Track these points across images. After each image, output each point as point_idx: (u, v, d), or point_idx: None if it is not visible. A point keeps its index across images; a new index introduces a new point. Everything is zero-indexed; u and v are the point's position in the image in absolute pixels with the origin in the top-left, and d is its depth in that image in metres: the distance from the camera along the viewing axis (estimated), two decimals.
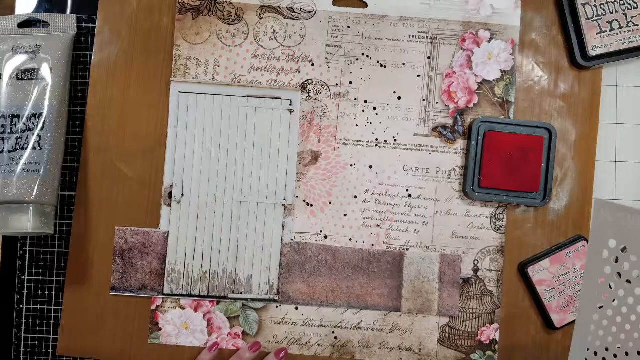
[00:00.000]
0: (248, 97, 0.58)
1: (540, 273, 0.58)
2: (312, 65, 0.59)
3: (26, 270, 0.59)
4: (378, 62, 0.59)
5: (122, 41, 0.59)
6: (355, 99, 0.59)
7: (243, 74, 0.58)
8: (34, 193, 0.53)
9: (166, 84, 0.59)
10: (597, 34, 0.58)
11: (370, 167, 0.59)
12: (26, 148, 0.54)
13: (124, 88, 0.59)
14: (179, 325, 0.58)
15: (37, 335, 0.59)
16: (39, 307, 0.59)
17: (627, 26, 0.58)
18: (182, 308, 0.58)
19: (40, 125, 0.54)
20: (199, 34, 0.58)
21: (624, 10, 0.58)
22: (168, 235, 0.58)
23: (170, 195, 0.58)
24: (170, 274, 0.58)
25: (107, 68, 0.59)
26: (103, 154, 0.59)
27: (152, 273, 0.58)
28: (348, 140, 0.59)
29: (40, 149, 0.54)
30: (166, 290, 0.58)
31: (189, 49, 0.58)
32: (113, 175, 0.59)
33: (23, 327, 0.59)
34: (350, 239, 0.58)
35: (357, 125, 0.59)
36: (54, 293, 0.59)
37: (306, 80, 0.59)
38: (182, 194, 0.58)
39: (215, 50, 0.58)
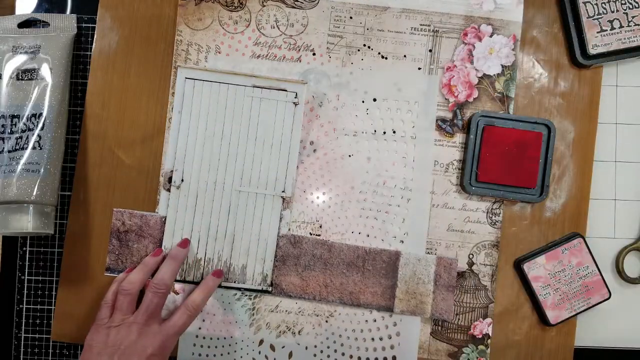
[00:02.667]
0: (254, 87, 0.58)
1: (535, 269, 0.58)
2: (314, 54, 0.59)
3: (26, 270, 0.59)
4: (379, 53, 0.59)
5: (123, 29, 0.59)
6: (356, 90, 0.59)
7: (244, 61, 0.59)
8: (34, 193, 0.53)
9: (166, 72, 0.59)
10: (597, 32, 0.58)
11: (369, 158, 0.59)
12: (26, 148, 0.54)
13: (124, 76, 0.59)
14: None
15: (37, 335, 0.59)
16: (39, 307, 0.59)
17: (628, 26, 0.58)
18: (176, 293, 0.58)
19: (40, 125, 0.54)
20: (201, 20, 0.59)
21: (624, 10, 0.58)
22: (165, 219, 0.58)
23: (170, 180, 0.58)
24: None
25: (107, 56, 0.59)
26: (102, 141, 0.59)
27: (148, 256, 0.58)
28: (346, 130, 0.59)
29: (40, 149, 0.54)
30: None
31: (191, 34, 0.58)
32: (111, 162, 0.59)
33: (23, 327, 0.59)
34: (347, 231, 0.58)
35: (356, 116, 0.59)
36: (54, 293, 0.59)
37: (307, 70, 0.59)
38: (182, 180, 0.58)
39: (217, 36, 0.59)
